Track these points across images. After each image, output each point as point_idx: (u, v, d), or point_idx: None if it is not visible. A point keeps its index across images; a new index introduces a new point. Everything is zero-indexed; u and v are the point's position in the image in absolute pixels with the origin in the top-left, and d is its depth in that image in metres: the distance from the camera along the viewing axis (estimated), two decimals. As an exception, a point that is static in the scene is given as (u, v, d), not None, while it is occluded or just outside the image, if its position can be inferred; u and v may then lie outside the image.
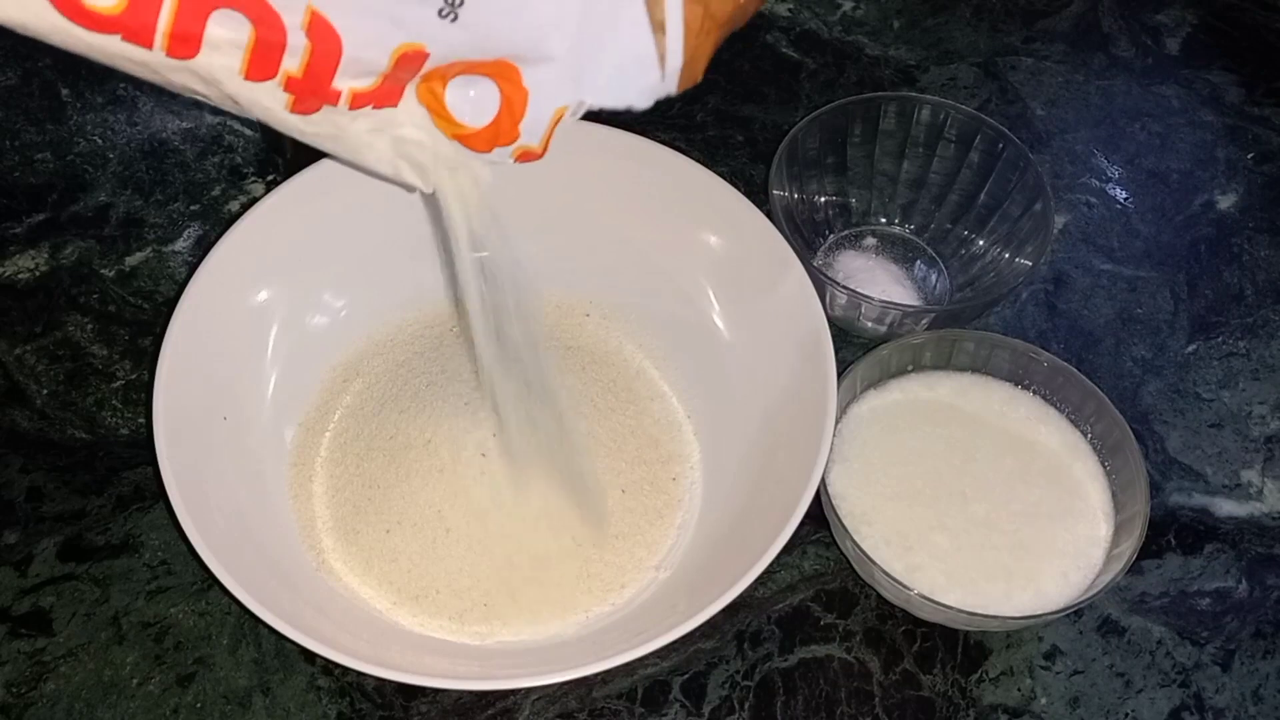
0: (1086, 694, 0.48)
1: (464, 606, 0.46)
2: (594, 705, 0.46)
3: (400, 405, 0.50)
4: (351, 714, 0.45)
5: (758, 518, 0.45)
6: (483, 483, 0.47)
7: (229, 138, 0.60)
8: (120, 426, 0.52)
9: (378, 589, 0.46)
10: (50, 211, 0.58)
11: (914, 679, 0.47)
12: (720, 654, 0.47)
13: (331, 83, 0.33)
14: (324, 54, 0.32)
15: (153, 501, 0.50)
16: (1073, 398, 0.50)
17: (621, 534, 0.47)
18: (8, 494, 0.50)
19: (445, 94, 0.36)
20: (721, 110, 0.65)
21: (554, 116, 0.37)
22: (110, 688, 0.45)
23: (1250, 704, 0.48)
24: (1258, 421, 0.56)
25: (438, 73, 0.35)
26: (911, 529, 0.48)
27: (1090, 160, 0.65)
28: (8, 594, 0.47)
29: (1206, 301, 0.60)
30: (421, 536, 0.47)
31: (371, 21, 0.33)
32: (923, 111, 0.58)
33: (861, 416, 0.51)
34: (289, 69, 0.32)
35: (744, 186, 0.52)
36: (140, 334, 0.55)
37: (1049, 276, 0.60)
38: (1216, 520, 0.53)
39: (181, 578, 0.48)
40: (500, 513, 0.47)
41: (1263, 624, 0.50)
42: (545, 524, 0.47)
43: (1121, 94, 0.68)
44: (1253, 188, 0.64)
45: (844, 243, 0.60)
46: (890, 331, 0.54)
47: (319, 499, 0.48)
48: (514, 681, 0.41)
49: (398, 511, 0.47)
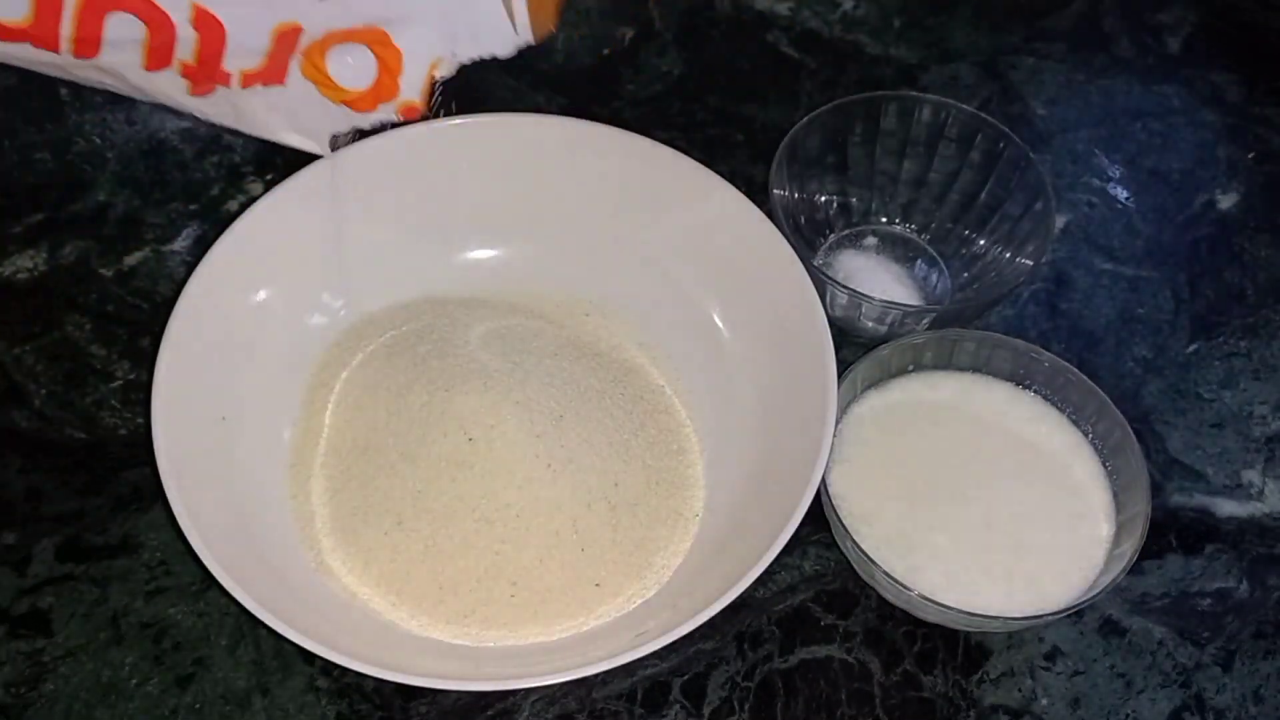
0: (1087, 695, 0.48)
1: (463, 607, 0.45)
2: (594, 706, 0.46)
3: (399, 406, 0.49)
4: (350, 715, 0.45)
5: (758, 518, 0.45)
6: (481, 483, 0.47)
7: (228, 137, 0.60)
8: (119, 427, 0.52)
9: (376, 589, 0.46)
10: (49, 211, 0.58)
11: (914, 680, 0.47)
12: (720, 654, 0.47)
13: (221, 65, 0.37)
14: (211, 41, 0.36)
15: (151, 502, 0.50)
16: (1074, 398, 0.50)
17: (621, 534, 0.47)
18: (6, 494, 0.50)
19: (326, 65, 0.39)
20: (721, 110, 0.65)
21: (429, 69, 0.41)
22: (109, 688, 0.45)
23: (1251, 704, 0.48)
24: (1259, 421, 0.56)
25: (316, 46, 0.38)
26: (912, 529, 0.48)
27: (1091, 160, 0.65)
28: (6, 594, 0.47)
29: (1208, 301, 0.59)
30: (420, 537, 0.46)
31: (248, 7, 0.36)
32: (923, 111, 0.58)
33: (862, 416, 0.51)
34: (183, 58, 0.36)
35: (744, 186, 0.52)
36: (139, 334, 0.55)
37: (1050, 276, 0.60)
38: (1218, 520, 0.52)
39: (180, 578, 0.48)
40: (499, 513, 0.47)
41: (1264, 624, 0.50)
42: (545, 524, 0.47)
43: (1122, 93, 0.68)
44: (1254, 187, 0.64)
45: (844, 242, 0.60)
46: (891, 331, 0.54)
47: (317, 499, 0.48)
48: (513, 682, 0.41)
49: (396, 512, 0.47)
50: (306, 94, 0.40)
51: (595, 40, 0.67)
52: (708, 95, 0.65)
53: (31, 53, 0.33)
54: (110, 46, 0.34)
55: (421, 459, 0.47)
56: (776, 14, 0.69)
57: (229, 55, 0.36)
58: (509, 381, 0.49)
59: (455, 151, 0.53)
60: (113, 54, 0.34)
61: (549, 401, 0.49)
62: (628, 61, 0.67)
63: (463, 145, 0.53)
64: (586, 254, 0.55)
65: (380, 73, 0.40)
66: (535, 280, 0.55)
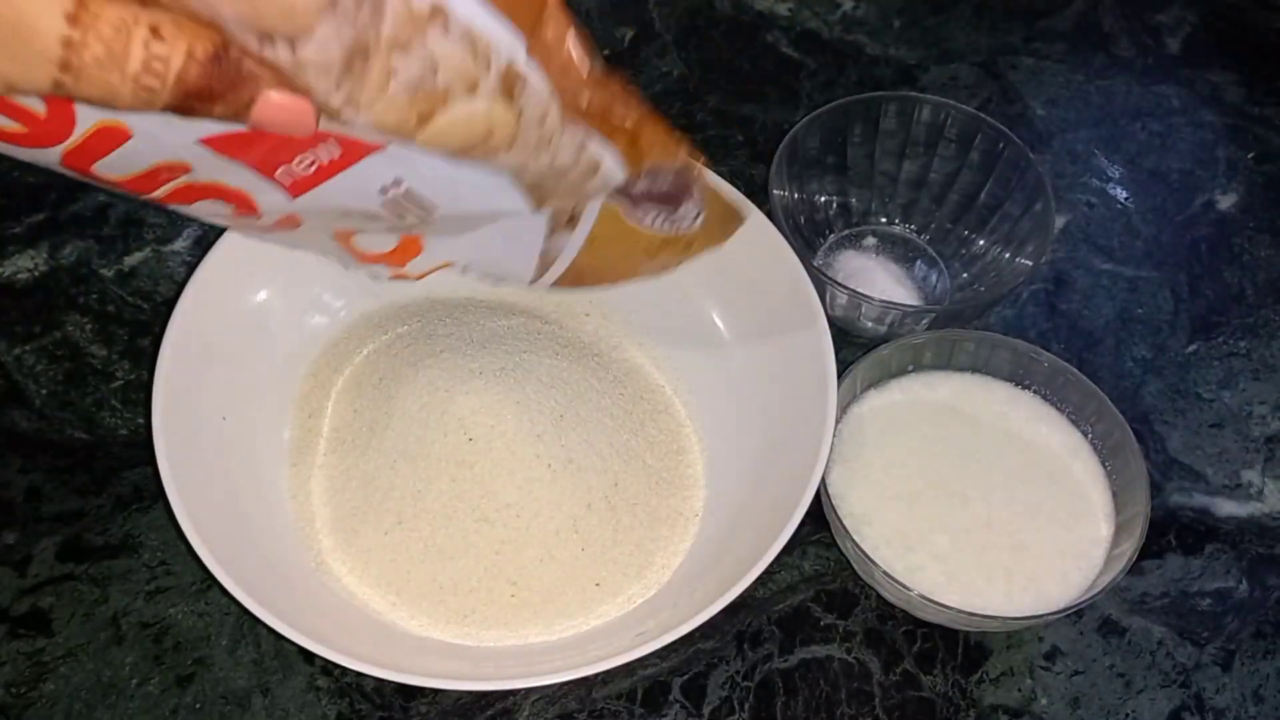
0: (1087, 694, 0.48)
1: (463, 606, 0.45)
2: (594, 706, 0.46)
3: (399, 406, 0.49)
4: (351, 714, 0.45)
5: (758, 518, 0.45)
6: (481, 484, 0.47)
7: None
8: (119, 426, 0.52)
9: (376, 589, 0.46)
10: (49, 211, 0.58)
11: (914, 679, 0.47)
12: (720, 654, 0.47)
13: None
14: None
15: (152, 502, 0.50)
16: (1073, 398, 0.50)
17: (621, 534, 0.47)
18: (7, 494, 0.50)
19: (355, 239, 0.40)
20: (721, 110, 0.65)
21: (438, 265, 0.42)
22: (109, 688, 0.45)
23: (1251, 704, 0.48)
24: (1258, 421, 0.56)
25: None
26: (912, 529, 0.48)
27: (1091, 160, 0.65)
28: (7, 594, 0.47)
29: (1207, 301, 0.59)
30: (420, 537, 0.46)
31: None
32: (923, 111, 0.58)
33: (861, 416, 0.51)
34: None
35: (744, 186, 0.52)
36: (139, 334, 0.55)
37: (1049, 276, 0.60)
38: (1217, 520, 0.52)
39: (180, 578, 0.48)
40: (499, 513, 0.47)
41: (1263, 624, 0.50)
42: (545, 524, 0.47)
43: (1122, 93, 0.68)
44: (1253, 187, 0.64)
45: (844, 242, 0.60)
46: (890, 331, 0.54)
47: (318, 499, 0.48)
48: (513, 682, 0.41)
49: (396, 512, 0.47)
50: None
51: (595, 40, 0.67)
52: (708, 95, 0.66)
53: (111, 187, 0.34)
54: (202, 214, 0.34)
55: (421, 459, 0.47)
56: (776, 14, 0.69)
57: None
58: (509, 381, 0.49)
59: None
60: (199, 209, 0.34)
61: (549, 401, 0.49)
62: (628, 61, 0.67)
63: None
64: (586, 254, 0.55)
65: (395, 252, 0.41)
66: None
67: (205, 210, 0.33)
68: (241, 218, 0.34)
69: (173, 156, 0.29)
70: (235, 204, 0.32)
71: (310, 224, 0.35)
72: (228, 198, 0.32)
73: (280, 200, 0.32)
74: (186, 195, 0.32)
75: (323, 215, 0.34)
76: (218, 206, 0.33)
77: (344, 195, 0.32)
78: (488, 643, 0.45)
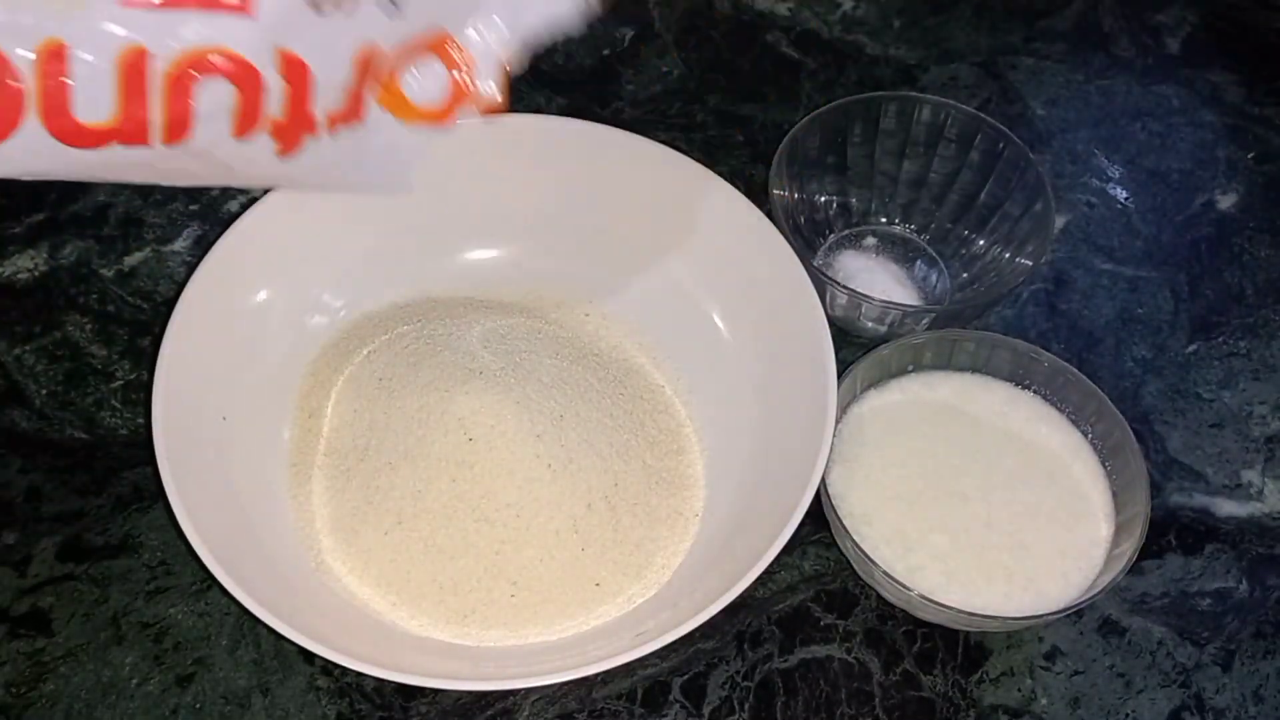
0: (1087, 694, 0.48)
1: (463, 606, 0.45)
2: (594, 706, 0.46)
3: (399, 406, 0.49)
4: (351, 714, 0.45)
5: (758, 518, 0.45)
6: (481, 484, 0.47)
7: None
8: (119, 426, 0.52)
9: (376, 589, 0.46)
10: (49, 211, 0.58)
11: (914, 679, 0.47)
12: (720, 654, 0.47)
13: (307, 110, 0.36)
14: (298, 87, 0.35)
15: (152, 502, 0.50)
16: (1073, 398, 0.50)
17: (621, 534, 0.47)
18: (7, 494, 0.50)
19: (403, 90, 0.38)
20: (721, 110, 0.65)
21: (501, 62, 0.40)
22: (109, 688, 0.45)
23: (1251, 704, 0.48)
24: (1258, 421, 0.56)
25: (391, 70, 0.38)
26: (912, 529, 0.48)
27: (1091, 160, 0.65)
28: (7, 594, 0.47)
29: (1207, 301, 0.59)
30: (420, 537, 0.46)
31: (327, 45, 0.35)
32: (923, 111, 0.58)
33: (861, 416, 0.51)
34: (272, 114, 0.35)
35: (744, 186, 0.52)
36: (139, 334, 0.55)
37: (1049, 276, 0.60)
38: (1217, 520, 0.52)
39: (180, 578, 0.48)
40: (499, 513, 0.47)
41: (1263, 624, 0.50)
42: (545, 524, 0.47)
43: (1122, 93, 0.68)
44: (1253, 187, 0.64)
45: (844, 243, 0.60)
46: (890, 331, 0.54)
47: (318, 499, 0.48)
48: (513, 682, 0.41)
49: (396, 512, 0.47)
50: (385, 126, 0.39)
51: (595, 40, 0.67)
52: (708, 95, 0.65)
53: (120, 155, 0.32)
54: (201, 121, 0.33)
55: (421, 459, 0.47)
56: (776, 14, 0.69)
57: (315, 98, 0.36)
58: (509, 381, 0.49)
59: (455, 152, 0.53)
60: (203, 130, 0.33)
61: (549, 401, 0.49)
62: (628, 61, 0.67)
63: (463, 145, 0.53)
64: (586, 254, 0.55)
65: (452, 81, 0.39)
66: (535, 280, 0.55)
67: (208, 109, 0.32)
68: (249, 104, 0.33)
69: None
70: (234, 79, 0.32)
71: (317, 61, 0.34)
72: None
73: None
74: (183, 90, 0.31)
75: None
76: (219, 95, 0.32)
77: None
78: (488, 643, 0.45)
